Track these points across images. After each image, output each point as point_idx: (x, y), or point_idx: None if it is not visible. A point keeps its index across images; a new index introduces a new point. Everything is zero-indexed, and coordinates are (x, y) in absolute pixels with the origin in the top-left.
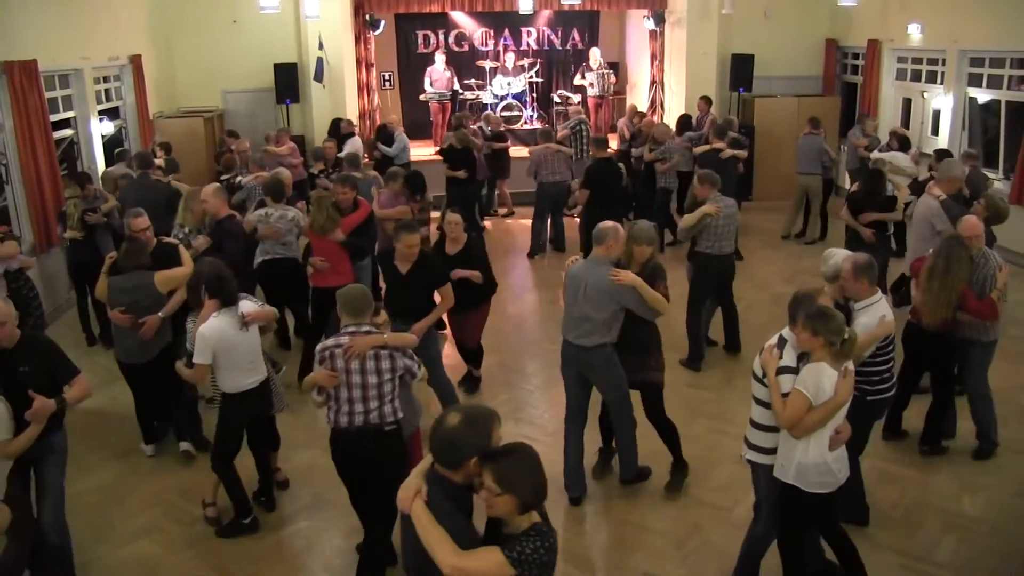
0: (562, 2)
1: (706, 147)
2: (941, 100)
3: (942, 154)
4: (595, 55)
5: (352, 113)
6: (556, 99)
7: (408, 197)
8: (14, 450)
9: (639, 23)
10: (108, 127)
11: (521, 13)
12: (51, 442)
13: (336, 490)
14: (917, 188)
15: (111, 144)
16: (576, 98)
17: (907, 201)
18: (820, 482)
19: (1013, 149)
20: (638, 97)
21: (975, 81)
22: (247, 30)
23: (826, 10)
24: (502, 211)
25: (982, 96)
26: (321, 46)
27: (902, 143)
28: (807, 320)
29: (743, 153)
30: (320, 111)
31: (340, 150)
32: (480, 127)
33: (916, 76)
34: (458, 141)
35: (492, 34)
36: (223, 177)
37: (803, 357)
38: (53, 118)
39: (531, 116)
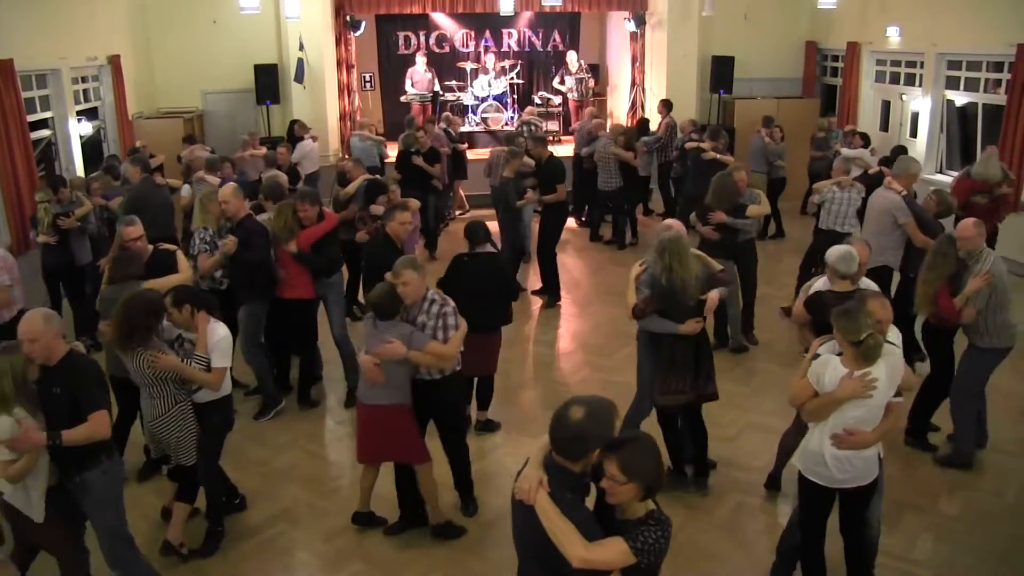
0: (543, 4)
1: (694, 144)
2: (919, 102)
3: (897, 151)
4: (572, 58)
5: (332, 114)
6: (537, 100)
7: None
8: (11, 475)
9: (620, 25)
10: (86, 128)
11: (502, 15)
12: (84, 480)
13: (318, 492)
14: (869, 180)
15: (90, 145)
16: (557, 100)
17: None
18: (813, 471)
19: None
20: (619, 99)
21: (953, 84)
22: (227, 30)
23: (806, 12)
24: (458, 212)
25: (959, 99)
26: (301, 47)
27: (866, 141)
28: (832, 315)
29: (729, 158)
30: (300, 112)
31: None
32: (445, 129)
33: (895, 78)
34: (401, 143)
35: (473, 35)
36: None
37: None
38: (30, 118)
39: (512, 118)
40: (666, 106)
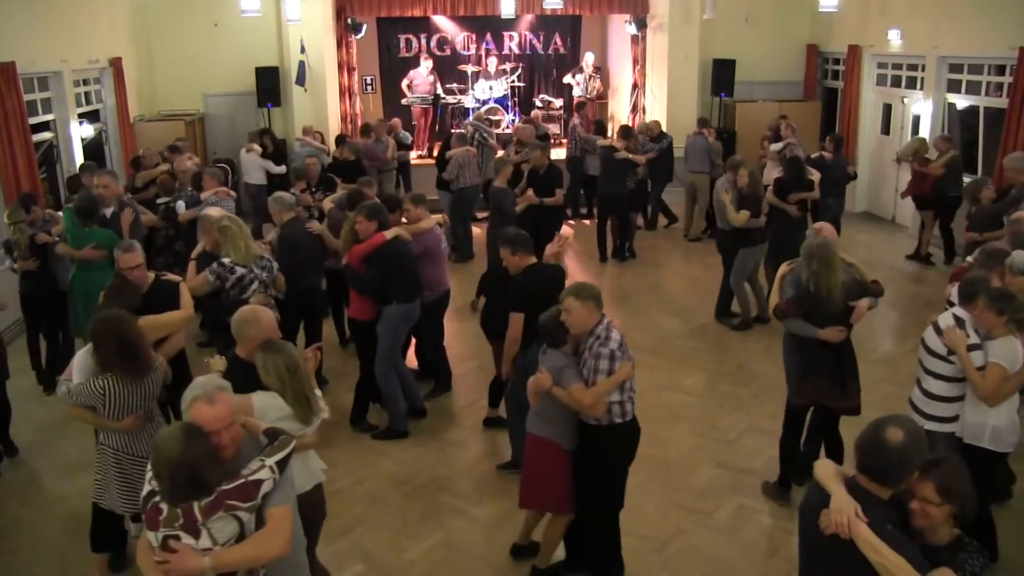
0: (544, 7)
1: (607, 143)
2: (921, 106)
3: (835, 138)
4: (589, 59)
5: (333, 117)
6: (538, 103)
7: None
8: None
9: (621, 28)
10: (88, 130)
11: (503, 18)
12: None
13: None
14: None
15: (91, 147)
16: (558, 102)
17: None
18: (1011, 442)
19: (991, 155)
20: (620, 102)
21: (954, 87)
22: (228, 33)
23: (807, 15)
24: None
25: (961, 102)
26: (303, 50)
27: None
28: (992, 301)
29: (640, 158)
30: (302, 115)
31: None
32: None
33: (896, 82)
34: (350, 151)
35: (474, 38)
36: (159, 201)
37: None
38: (32, 121)
39: (513, 120)
40: (576, 108)
